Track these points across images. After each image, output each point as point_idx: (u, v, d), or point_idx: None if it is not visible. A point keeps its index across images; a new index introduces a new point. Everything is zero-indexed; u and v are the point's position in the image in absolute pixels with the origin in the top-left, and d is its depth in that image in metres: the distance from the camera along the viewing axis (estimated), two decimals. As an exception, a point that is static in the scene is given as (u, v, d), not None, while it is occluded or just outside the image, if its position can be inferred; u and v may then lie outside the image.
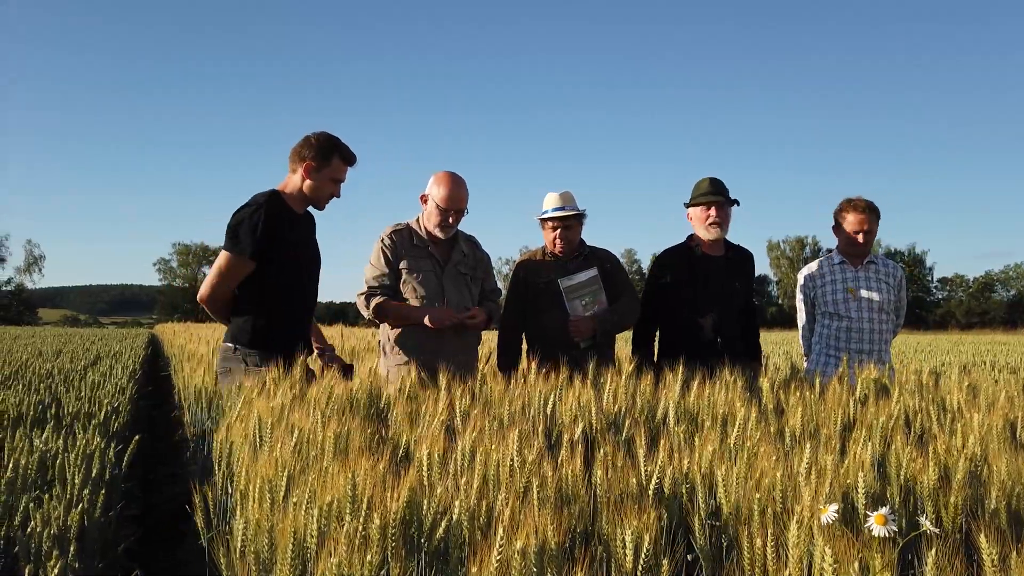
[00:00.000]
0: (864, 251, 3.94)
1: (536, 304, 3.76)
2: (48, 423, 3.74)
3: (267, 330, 3.12)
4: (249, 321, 3.14)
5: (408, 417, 2.15)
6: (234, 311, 3.19)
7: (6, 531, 2.37)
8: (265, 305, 3.13)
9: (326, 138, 3.19)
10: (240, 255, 3.05)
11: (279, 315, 3.17)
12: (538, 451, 1.64)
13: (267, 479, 1.60)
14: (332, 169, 3.19)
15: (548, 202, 3.75)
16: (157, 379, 10.33)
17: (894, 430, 2.06)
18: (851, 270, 3.95)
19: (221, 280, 3.12)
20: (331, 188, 3.23)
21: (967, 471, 1.69)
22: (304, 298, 3.32)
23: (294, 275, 3.21)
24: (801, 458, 1.68)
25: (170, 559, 3.44)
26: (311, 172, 3.16)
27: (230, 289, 3.14)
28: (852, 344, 3.87)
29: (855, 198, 3.92)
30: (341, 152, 3.20)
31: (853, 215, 3.88)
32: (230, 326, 3.20)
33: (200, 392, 5.08)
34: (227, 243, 3.08)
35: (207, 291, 3.17)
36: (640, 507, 1.38)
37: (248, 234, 3.02)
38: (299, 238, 3.23)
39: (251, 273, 3.10)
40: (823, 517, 1.30)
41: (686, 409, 2.40)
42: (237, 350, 3.13)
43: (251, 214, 3.04)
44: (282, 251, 3.10)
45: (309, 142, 3.17)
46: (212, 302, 3.19)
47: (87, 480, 2.68)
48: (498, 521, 1.30)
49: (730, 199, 3.80)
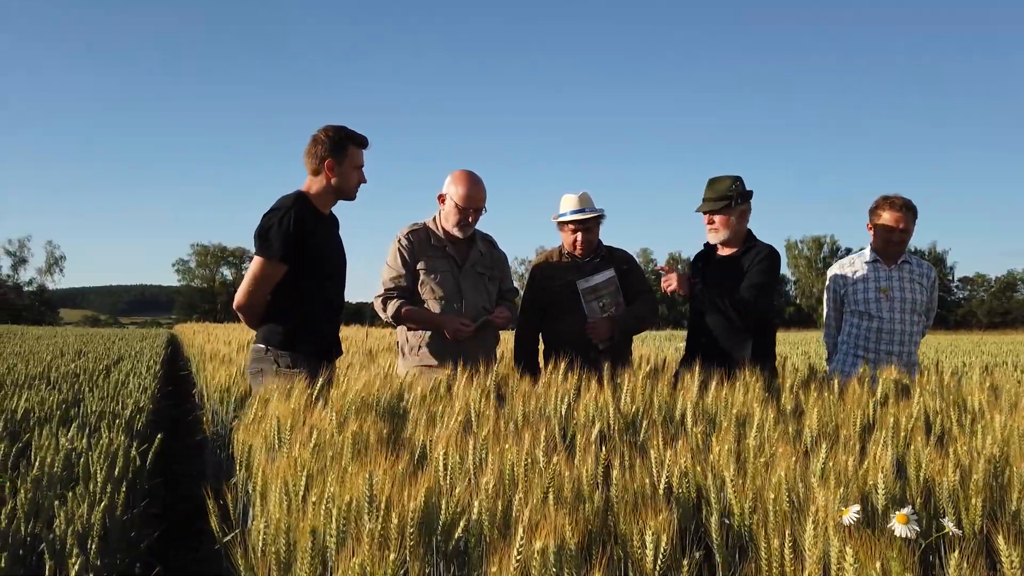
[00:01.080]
0: (900, 251, 3.85)
1: (553, 305, 3.74)
2: (73, 422, 3.79)
3: (298, 331, 3.15)
4: (280, 322, 3.18)
5: (427, 417, 2.17)
6: (266, 313, 3.23)
7: (32, 528, 2.41)
8: (296, 306, 3.17)
9: (335, 130, 3.21)
10: (271, 259, 3.09)
11: (309, 316, 3.20)
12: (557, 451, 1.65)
13: (286, 479, 1.62)
14: (351, 157, 3.22)
15: (566, 204, 3.73)
16: (177, 378, 10.43)
17: (914, 431, 2.04)
18: (884, 269, 3.86)
19: (256, 286, 3.15)
20: (357, 176, 3.26)
21: (987, 473, 1.68)
22: (333, 299, 3.35)
23: (323, 276, 3.24)
24: (818, 459, 1.67)
25: (191, 557, 3.48)
26: (334, 168, 3.19)
27: (265, 294, 3.17)
28: (882, 345, 3.80)
29: (892, 195, 3.82)
30: (353, 139, 3.23)
31: (890, 213, 3.79)
32: (261, 328, 3.24)
33: (221, 392, 5.13)
34: (258, 248, 3.13)
35: (243, 298, 3.19)
36: (656, 507, 1.39)
37: (278, 237, 3.06)
38: (325, 240, 3.26)
39: (282, 276, 3.14)
40: (844, 518, 1.30)
41: (704, 410, 2.40)
42: (268, 351, 3.17)
43: (280, 217, 3.08)
44: (311, 253, 3.14)
45: (320, 140, 3.19)
46: (248, 309, 3.21)
47: (109, 478, 2.71)
48: (517, 521, 1.31)
49: (730, 199, 3.66)
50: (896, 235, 3.79)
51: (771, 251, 3.67)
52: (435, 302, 3.52)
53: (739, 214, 3.68)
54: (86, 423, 3.92)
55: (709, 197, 3.71)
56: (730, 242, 3.73)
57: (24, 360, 8.37)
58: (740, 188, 3.68)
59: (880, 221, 3.82)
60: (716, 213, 3.67)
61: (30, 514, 2.42)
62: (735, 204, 3.65)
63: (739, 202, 3.66)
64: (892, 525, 1.36)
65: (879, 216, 3.83)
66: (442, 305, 3.52)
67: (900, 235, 3.79)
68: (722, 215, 3.66)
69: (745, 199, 3.71)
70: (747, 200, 3.72)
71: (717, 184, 3.71)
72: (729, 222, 3.67)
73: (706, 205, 3.70)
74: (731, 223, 3.67)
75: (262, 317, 3.22)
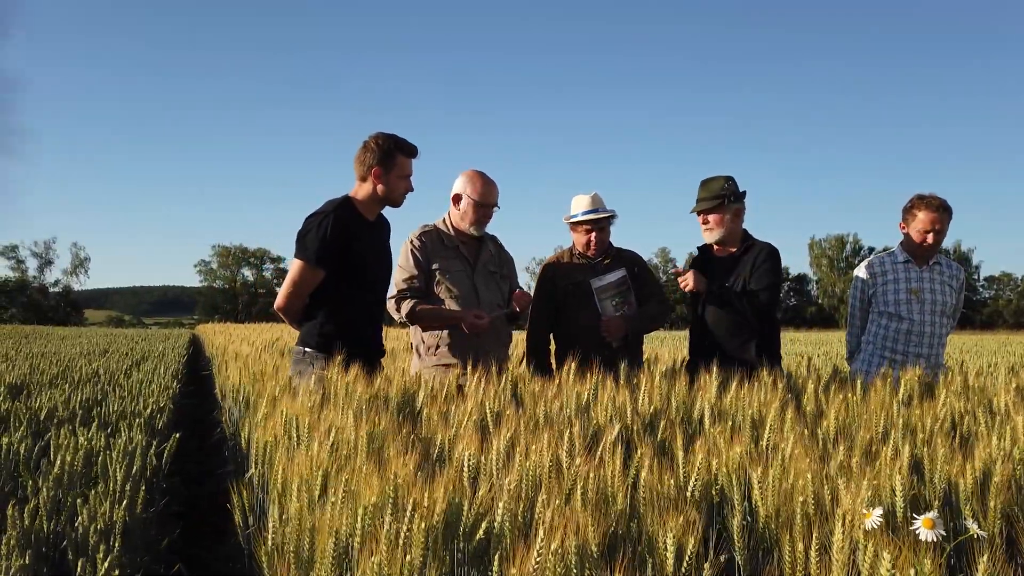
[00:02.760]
0: (933, 252, 3.80)
1: (566, 305, 3.78)
2: (94, 422, 3.83)
3: (335, 334, 3.16)
4: (317, 325, 3.22)
5: (442, 416, 2.16)
6: (305, 315, 3.26)
7: (54, 526, 2.43)
8: (335, 310, 3.20)
9: (384, 139, 3.26)
10: (308, 262, 3.12)
11: (349, 320, 3.23)
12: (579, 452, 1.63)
13: (303, 478, 1.62)
14: (399, 167, 3.26)
15: (578, 205, 3.78)
16: (198, 378, 10.53)
17: (938, 433, 2.01)
18: (915, 270, 3.81)
19: (294, 288, 3.21)
20: (404, 185, 3.30)
21: (1010, 474, 1.65)
22: (373, 303, 3.38)
23: (363, 281, 3.26)
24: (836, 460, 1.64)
25: (213, 555, 3.50)
26: (381, 176, 3.23)
27: (303, 297, 3.21)
28: (911, 347, 3.76)
29: (928, 195, 3.77)
30: (403, 149, 3.28)
31: (926, 213, 3.73)
32: (302, 330, 3.28)
33: (239, 391, 5.16)
34: (297, 251, 3.18)
35: (282, 300, 3.26)
36: (679, 509, 1.37)
37: (315, 241, 3.09)
38: (368, 245, 3.29)
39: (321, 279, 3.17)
40: (867, 522, 1.27)
41: (722, 410, 2.37)
42: (306, 353, 3.21)
43: (320, 222, 3.12)
44: (351, 259, 3.16)
45: (370, 147, 3.24)
46: (288, 310, 3.28)
47: (128, 477, 2.74)
48: (538, 522, 1.29)
49: (723, 198, 3.65)
50: (931, 236, 3.73)
51: (772, 249, 3.71)
52: (452, 301, 3.54)
53: (733, 213, 3.71)
54: (107, 422, 3.96)
55: (703, 197, 3.75)
56: (726, 241, 3.74)
57: (48, 360, 8.49)
58: (733, 187, 3.72)
59: (915, 221, 3.77)
60: (710, 212, 3.70)
61: (52, 512, 2.45)
62: (728, 203, 3.68)
63: (732, 201, 3.69)
64: (918, 529, 1.33)
65: (914, 216, 3.78)
66: (459, 304, 3.54)
67: (935, 236, 3.74)
68: (716, 214, 3.69)
69: (738, 198, 3.73)
70: (740, 199, 3.75)
71: (710, 184, 3.74)
72: (724, 221, 3.69)
73: (700, 205, 3.74)
74: (726, 222, 3.69)
75: (303, 319, 3.26)
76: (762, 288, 3.59)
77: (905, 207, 3.84)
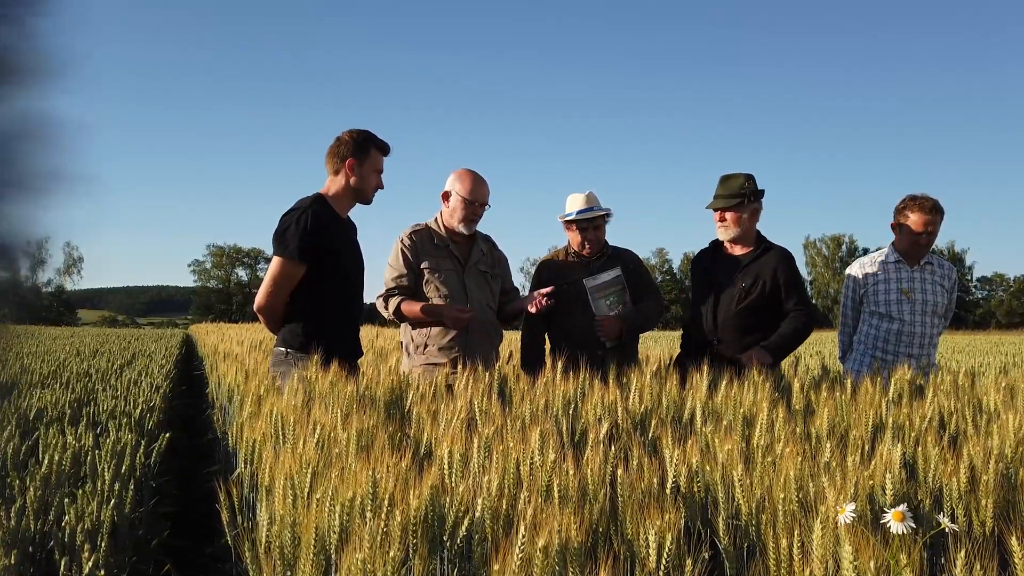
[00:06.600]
0: (924, 252, 3.80)
1: (561, 304, 3.76)
2: (82, 421, 3.82)
3: (316, 334, 3.16)
4: (299, 325, 3.19)
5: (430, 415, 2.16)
6: (285, 316, 3.24)
7: (41, 525, 2.42)
8: (314, 309, 3.19)
9: (359, 133, 3.27)
10: (290, 258, 3.11)
11: (328, 319, 3.22)
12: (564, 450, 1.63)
13: (289, 476, 1.62)
14: (372, 161, 3.26)
15: (572, 203, 3.76)
16: (191, 378, 10.50)
17: (927, 431, 2.02)
18: (907, 270, 3.81)
19: (275, 286, 3.17)
20: (375, 180, 3.30)
21: (999, 473, 1.65)
22: (351, 302, 3.37)
23: (339, 279, 3.25)
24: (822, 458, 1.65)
25: (203, 555, 3.50)
26: (354, 168, 3.23)
27: (285, 296, 3.18)
28: (902, 347, 3.76)
29: (920, 196, 3.76)
30: (376, 143, 3.28)
31: (918, 215, 3.73)
32: (282, 331, 3.26)
33: (231, 390, 5.15)
34: (276, 248, 3.15)
35: (262, 299, 3.22)
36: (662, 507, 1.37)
37: (296, 237, 3.08)
38: (342, 243, 3.29)
39: (301, 278, 3.16)
40: (840, 517, 1.28)
41: (712, 409, 2.37)
42: (288, 354, 3.19)
43: (298, 217, 3.11)
44: (328, 255, 3.15)
45: (344, 140, 3.24)
46: (268, 310, 3.23)
47: (116, 476, 2.73)
48: (520, 519, 1.29)
49: (743, 196, 3.62)
50: (923, 237, 3.73)
51: (788, 254, 3.70)
52: (441, 300, 3.54)
53: (751, 212, 3.67)
54: (96, 422, 3.95)
55: (721, 194, 3.70)
56: (740, 240, 3.71)
57: (39, 359, 8.46)
58: (752, 186, 3.67)
59: (907, 222, 3.77)
60: (728, 210, 3.65)
61: (39, 512, 2.44)
62: (747, 202, 3.64)
63: (751, 200, 3.65)
64: (888, 522, 1.33)
65: (906, 216, 3.77)
66: (448, 303, 3.53)
67: (927, 237, 3.74)
68: (734, 212, 3.65)
69: (757, 197, 3.69)
70: (759, 198, 3.71)
71: (730, 181, 3.69)
72: (741, 219, 3.65)
73: (718, 202, 3.69)
74: (743, 220, 3.65)
75: (281, 320, 3.24)
76: (802, 303, 3.63)
77: (897, 207, 3.84)
